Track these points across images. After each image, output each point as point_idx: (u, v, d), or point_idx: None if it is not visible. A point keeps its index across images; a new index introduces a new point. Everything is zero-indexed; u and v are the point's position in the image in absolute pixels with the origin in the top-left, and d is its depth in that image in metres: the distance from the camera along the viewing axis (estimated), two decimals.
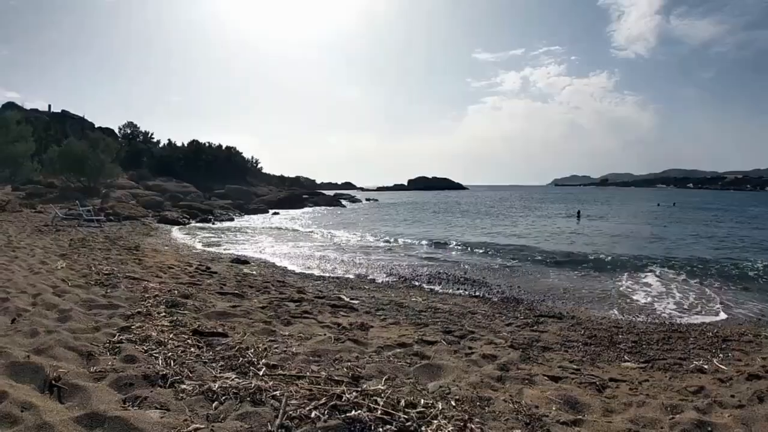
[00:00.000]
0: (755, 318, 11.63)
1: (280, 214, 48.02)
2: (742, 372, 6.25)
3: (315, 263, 17.91)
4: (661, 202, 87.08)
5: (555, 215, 52.35)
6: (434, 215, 51.29)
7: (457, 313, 10.12)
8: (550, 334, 8.65)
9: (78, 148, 41.98)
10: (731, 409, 4.77)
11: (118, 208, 32.30)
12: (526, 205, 76.96)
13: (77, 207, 27.23)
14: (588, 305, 12.62)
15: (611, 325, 9.84)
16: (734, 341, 8.55)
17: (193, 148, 78.67)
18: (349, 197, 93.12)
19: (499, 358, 6.17)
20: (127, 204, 35.72)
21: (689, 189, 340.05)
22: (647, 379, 6.10)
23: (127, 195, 41.49)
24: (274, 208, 53.72)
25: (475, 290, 13.85)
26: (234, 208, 47.72)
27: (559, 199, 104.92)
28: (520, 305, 12.05)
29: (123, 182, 47.77)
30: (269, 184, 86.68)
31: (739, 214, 58.88)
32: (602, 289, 14.82)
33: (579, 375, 5.99)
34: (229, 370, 4.55)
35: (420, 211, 57.75)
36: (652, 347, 8.03)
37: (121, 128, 79.32)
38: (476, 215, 51.17)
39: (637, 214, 57.91)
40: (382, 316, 8.96)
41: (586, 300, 13.21)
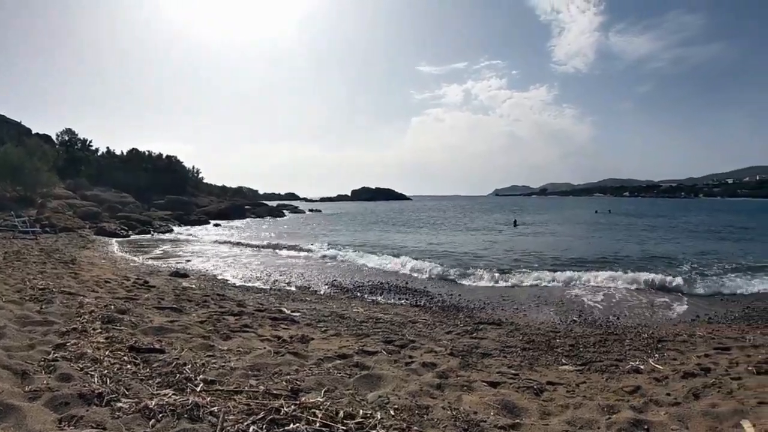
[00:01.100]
0: (689, 318, 12.18)
1: (222, 226, 47.65)
2: (677, 371, 6.45)
3: (256, 275, 17.59)
4: (598, 210, 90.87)
5: (494, 224, 53.64)
6: (376, 225, 51.45)
7: (398, 322, 10.16)
8: (489, 340, 8.75)
9: (14, 155, 39.90)
10: (667, 407, 4.88)
11: (55, 219, 30.90)
12: (467, 215, 78.59)
13: (12, 218, 25.92)
14: (526, 311, 12.87)
15: (549, 330, 10.07)
16: (669, 341, 8.87)
17: (132, 156, 76.22)
18: (291, 208, 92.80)
19: (439, 366, 6.23)
20: (63, 215, 34.11)
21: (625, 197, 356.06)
22: (584, 381, 6.21)
23: (64, 205, 39.57)
24: (215, 219, 52.75)
25: (416, 299, 13.96)
26: (174, 219, 46.45)
27: (499, 209, 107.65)
28: (460, 313, 12.22)
29: (60, 192, 45.45)
30: (210, 195, 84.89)
31: (669, 220, 61.92)
32: (540, 294, 15.21)
33: (517, 380, 6.03)
34: (167, 387, 4.38)
35: (362, 222, 57.86)
36: (589, 350, 8.21)
37: (58, 135, 75.73)
38: (418, 225, 51.70)
39: (574, 221, 60.05)
40: (323, 328, 8.85)
41: (524, 306, 13.46)
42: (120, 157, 75.76)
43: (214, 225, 47.82)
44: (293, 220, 62.62)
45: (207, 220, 50.90)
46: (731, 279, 17.69)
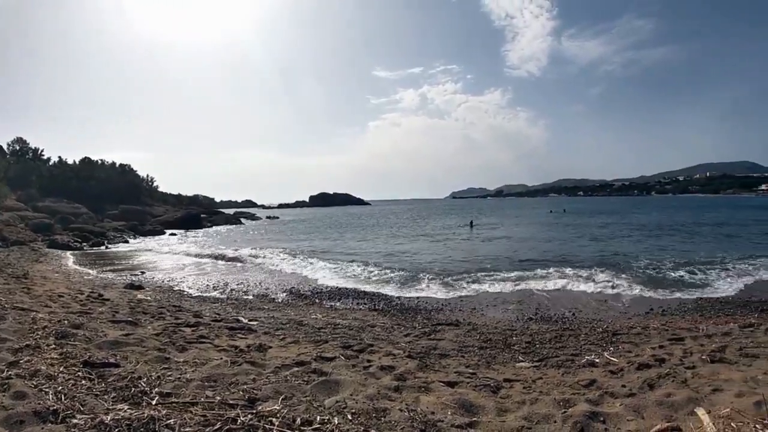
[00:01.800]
0: (644, 312, 12.48)
1: (177, 236, 46.75)
2: (632, 363, 6.55)
3: (213, 285, 17.27)
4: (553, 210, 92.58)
5: (451, 226, 54.03)
6: (334, 231, 51.16)
7: (357, 327, 10.16)
8: (447, 341, 8.79)
9: None
10: (622, 399, 4.94)
11: (6, 232, 29.61)
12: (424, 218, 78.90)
13: None
14: (484, 311, 12.98)
15: (506, 329, 10.17)
16: (624, 334, 9.06)
17: (85, 165, 73.92)
18: (249, 215, 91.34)
19: (397, 369, 6.23)
20: (15, 227, 32.77)
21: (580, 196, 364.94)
22: (541, 377, 6.25)
23: (15, 218, 37.95)
24: (170, 229, 51.52)
25: (375, 304, 13.98)
26: (128, 230, 45.12)
27: (456, 211, 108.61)
28: (419, 315, 12.30)
29: (11, 204, 43.57)
30: (165, 204, 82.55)
31: (622, 217, 63.64)
32: (497, 294, 15.37)
33: (474, 378, 6.05)
34: (122, 401, 4.23)
35: (320, 228, 57.41)
36: (546, 346, 8.33)
37: (9, 144, 73.02)
38: (376, 229, 51.75)
39: (529, 221, 61.11)
40: (281, 336, 8.73)
41: (482, 306, 13.59)
42: (72, 167, 73.37)
43: (169, 235, 46.86)
44: (250, 228, 61.63)
45: (162, 231, 49.73)
46: (684, 273, 18.29)
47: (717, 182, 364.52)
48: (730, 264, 20.27)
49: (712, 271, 18.58)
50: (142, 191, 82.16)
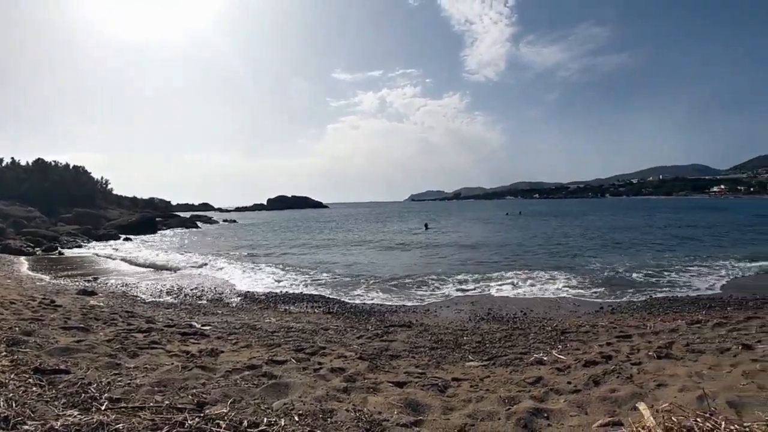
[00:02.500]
0: (594, 310, 12.78)
1: (132, 240, 45.43)
2: (580, 360, 6.66)
3: (166, 290, 16.90)
4: (510, 212, 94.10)
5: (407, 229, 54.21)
6: (291, 234, 50.68)
7: (310, 330, 10.16)
8: (399, 342, 8.84)
9: None
10: (567, 395, 5.02)
11: None
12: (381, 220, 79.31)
13: None
14: (437, 312, 13.10)
15: (457, 329, 10.28)
16: (573, 333, 9.23)
17: (38, 167, 71.61)
18: (206, 219, 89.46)
19: (347, 371, 6.27)
20: None
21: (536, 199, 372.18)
22: (489, 375, 6.32)
23: None
24: (125, 233, 49.75)
25: (330, 307, 13.96)
26: (82, 234, 43.69)
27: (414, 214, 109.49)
28: (372, 317, 12.35)
29: None
30: (120, 207, 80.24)
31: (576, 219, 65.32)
32: (449, 294, 15.55)
33: (423, 378, 6.10)
34: (72, 407, 4.18)
35: (277, 231, 56.69)
36: (495, 345, 8.42)
37: None
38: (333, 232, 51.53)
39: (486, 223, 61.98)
40: (233, 341, 8.65)
41: (434, 307, 13.74)
42: (25, 168, 71.28)
43: (124, 239, 45.53)
44: (206, 232, 60.54)
45: (117, 235, 48.28)
46: (635, 273, 18.78)
47: (669, 184, 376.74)
48: (679, 264, 20.95)
49: (662, 271, 19.14)
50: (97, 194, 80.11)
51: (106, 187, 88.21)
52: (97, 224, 51.56)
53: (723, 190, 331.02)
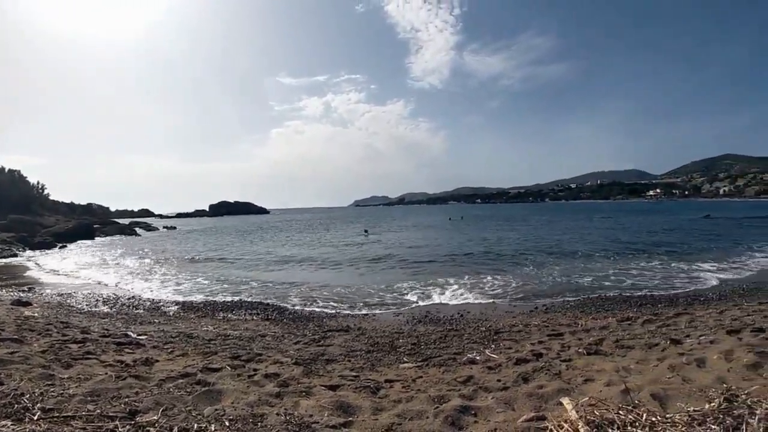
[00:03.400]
0: (528, 310, 13.09)
1: (69, 247, 43.85)
2: (511, 358, 6.84)
3: (102, 300, 16.34)
4: (452, 217, 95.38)
5: (349, 234, 54.21)
6: (232, 241, 49.74)
7: (248, 337, 10.11)
8: (335, 346, 8.92)
9: None
10: (495, 392, 5.14)
11: None
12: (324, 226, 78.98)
13: None
14: (375, 315, 13.20)
15: (393, 331, 10.37)
16: (506, 332, 9.44)
17: None
18: (145, 226, 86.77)
19: (282, 376, 6.36)
20: None
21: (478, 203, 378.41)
22: (422, 376, 6.41)
23: None
24: (62, 241, 47.84)
25: (268, 314, 13.81)
26: (17, 242, 41.81)
27: (357, 219, 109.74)
28: (311, 323, 12.31)
29: None
30: (57, 214, 77.59)
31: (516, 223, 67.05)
32: (388, 298, 15.63)
33: (357, 381, 6.16)
34: (5, 418, 4.21)
35: (218, 239, 55.36)
36: (430, 347, 8.54)
37: None
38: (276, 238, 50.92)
39: (428, 228, 62.49)
40: (169, 349, 8.50)
41: (373, 310, 13.79)
42: None
43: (60, 247, 43.90)
44: (146, 239, 58.78)
45: (53, 243, 46.45)
46: (570, 274, 19.36)
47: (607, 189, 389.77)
48: (613, 264, 21.70)
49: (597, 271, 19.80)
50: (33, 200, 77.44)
51: (43, 192, 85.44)
52: (32, 231, 49.58)
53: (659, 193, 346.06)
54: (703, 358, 5.59)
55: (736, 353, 5.56)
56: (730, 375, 4.76)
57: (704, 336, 7.37)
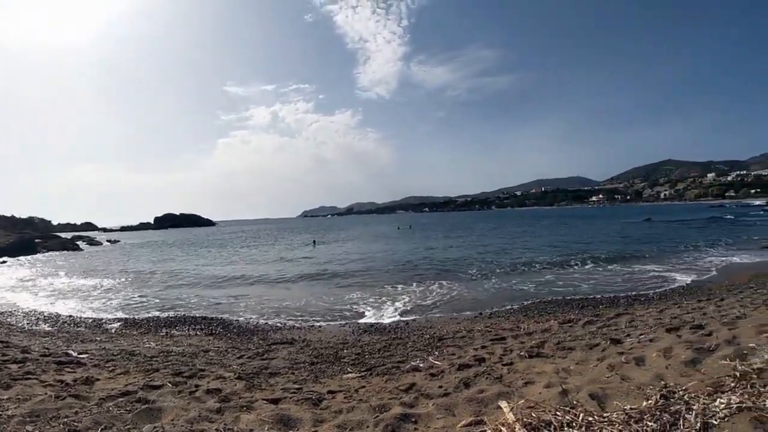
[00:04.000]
0: (472, 315, 13.22)
1: (8, 263, 42.11)
2: (454, 364, 6.84)
3: (44, 318, 15.76)
4: (401, 226, 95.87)
5: (297, 245, 53.74)
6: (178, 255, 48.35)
7: (190, 353, 9.90)
8: (279, 359, 8.82)
9: None
10: (437, 399, 5.12)
11: None
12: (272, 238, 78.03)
13: None
14: (320, 326, 13.09)
15: (338, 342, 10.32)
16: (450, 338, 9.50)
17: None
18: (88, 239, 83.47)
19: (224, 391, 6.24)
20: None
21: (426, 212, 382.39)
22: (364, 385, 6.36)
23: None
24: (2, 256, 46.11)
25: (212, 328, 13.54)
26: None
27: (305, 230, 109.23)
28: (255, 336, 12.16)
29: None
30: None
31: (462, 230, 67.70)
32: (332, 309, 15.55)
33: (299, 393, 6.09)
34: None
35: (163, 251, 53.89)
36: (374, 356, 8.52)
37: None
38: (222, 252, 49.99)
39: (375, 237, 62.64)
40: (111, 368, 8.23)
41: (318, 321, 13.70)
42: None
43: (0, 263, 42.62)
44: (88, 254, 56.69)
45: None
46: (513, 278, 19.67)
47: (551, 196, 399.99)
48: (556, 269, 22.25)
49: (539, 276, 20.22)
50: None
51: None
52: None
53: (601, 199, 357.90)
54: (642, 357, 5.69)
55: (675, 350, 5.67)
56: (668, 372, 4.83)
57: (644, 335, 7.53)
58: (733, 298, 12.01)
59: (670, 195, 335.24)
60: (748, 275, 17.66)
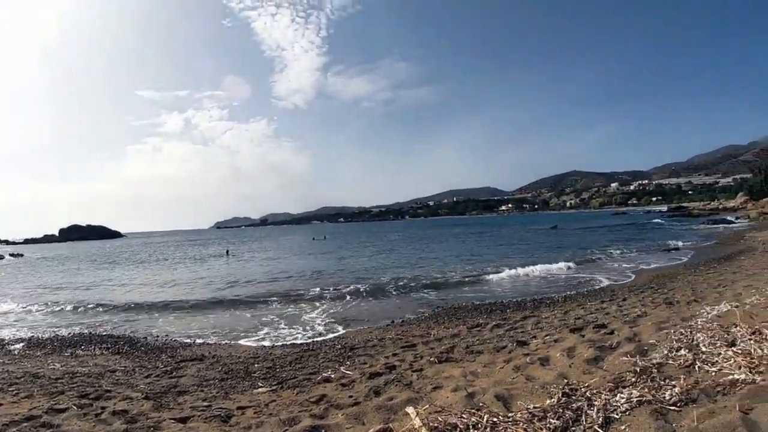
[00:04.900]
0: (384, 324, 13.30)
1: None
2: (365, 373, 6.90)
3: None
4: (316, 237, 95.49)
5: (209, 256, 52.57)
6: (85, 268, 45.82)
7: (97, 373, 9.39)
8: (188, 377, 8.55)
9: None
10: (347, 408, 5.11)
11: None
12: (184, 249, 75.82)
13: None
14: (230, 341, 12.74)
15: (249, 357, 10.10)
16: (361, 348, 9.53)
17: None
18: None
19: (131, 412, 6.01)
20: None
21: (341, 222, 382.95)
22: (275, 399, 6.28)
23: None
24: None
25: (119, 347, 12.87)
26: None
27: (218, 241, 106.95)
28: (163, 354, 11.66)
29: None
30: None
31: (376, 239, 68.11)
32: (243, 322, 15.17)
33: (208, 410, 5.94)
34: None
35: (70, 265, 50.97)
36: (286, 369, 8.42)
37: None
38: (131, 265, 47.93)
39: (291, 248, 62.06)
40: (14, 391, 7.72)
41: (228, 337, 13.31)
42: None
43: None
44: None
45: None
46: (424, 286, 20.01)
47: (463, 205, 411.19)
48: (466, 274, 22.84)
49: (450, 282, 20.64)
50: None
51: None
52: None
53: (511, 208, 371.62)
54: (547, 357, 5.89)
55: (578, 349, 5.89)
56: (571, 370, 5.01)
57: (549, 336, 7.80)
58: (634, 298, 12.66)
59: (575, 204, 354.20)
60: (649, 276, 18.72)
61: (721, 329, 5.28)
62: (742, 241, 30.90)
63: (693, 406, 3.36)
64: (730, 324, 5.43)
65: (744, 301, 7.29)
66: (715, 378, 3.83)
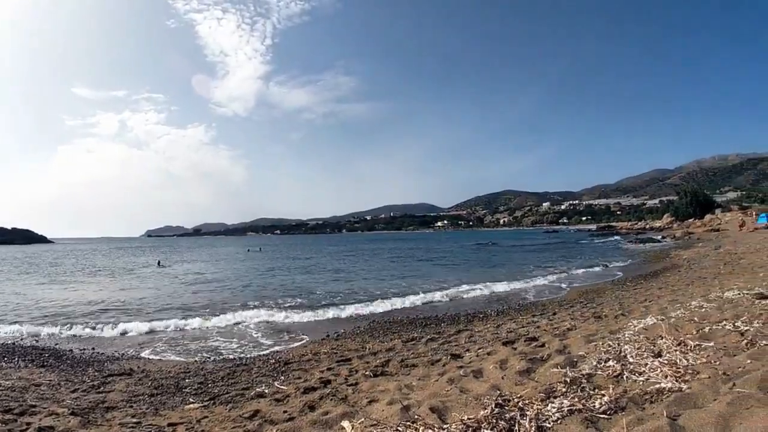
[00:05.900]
0: (319, 338, 13.19)
1: None
2: (299, 388, 6.86)
3: None
4: (251, 248, 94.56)
5: (139, 265, 50.99)
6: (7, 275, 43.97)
7: (21, 387, 8.91)
8: (117, 392, 8.27)
9: None
10: (281, 424, 5.09)
11: None
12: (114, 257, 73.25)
13: None
14: (161, 355, 12.37)
15: (179, 371, 9.85)
16: (296, 362, 9.47)
17: None
18: None
19: (57, 429, 5.87)
20: None
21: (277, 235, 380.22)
22: (207, 415, 6.18)
23: None
24: None
25: (44, 359, 12.25)
26: None
27: (150, 250, 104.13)
28: (90, 368, 11.18)
29: None
30: None
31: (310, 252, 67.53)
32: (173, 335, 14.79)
33: (138, 428, 5.82)
34: None
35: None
36: (218, 384, 8.29)
37: None
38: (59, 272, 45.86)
39: (224, 260, 61.04)
40: None
41: (159, 350, 12.92)
42: None
43: None
44: None
45: None
46: (358, 299, 20.13)
47: (399, 221, 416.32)
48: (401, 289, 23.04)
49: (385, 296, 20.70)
50: None
51: None
52: None
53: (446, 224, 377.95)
54: (481, 369, 5.99)
55: (511, 362, 6.02)
56: (504, 382, 5.12)
57: (482, 349, 7.94)
58: (564, 312, 13.02)
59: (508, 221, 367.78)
60: (578, 292, 19.32)
61: (648, 341, 5.52)
62: (668, 258, 32.30)
63: (622, 414, 3.51)
64: (657, 336, 5.69)
65: (669, 315, 7.63)
66: (642, 387, 4.02)
